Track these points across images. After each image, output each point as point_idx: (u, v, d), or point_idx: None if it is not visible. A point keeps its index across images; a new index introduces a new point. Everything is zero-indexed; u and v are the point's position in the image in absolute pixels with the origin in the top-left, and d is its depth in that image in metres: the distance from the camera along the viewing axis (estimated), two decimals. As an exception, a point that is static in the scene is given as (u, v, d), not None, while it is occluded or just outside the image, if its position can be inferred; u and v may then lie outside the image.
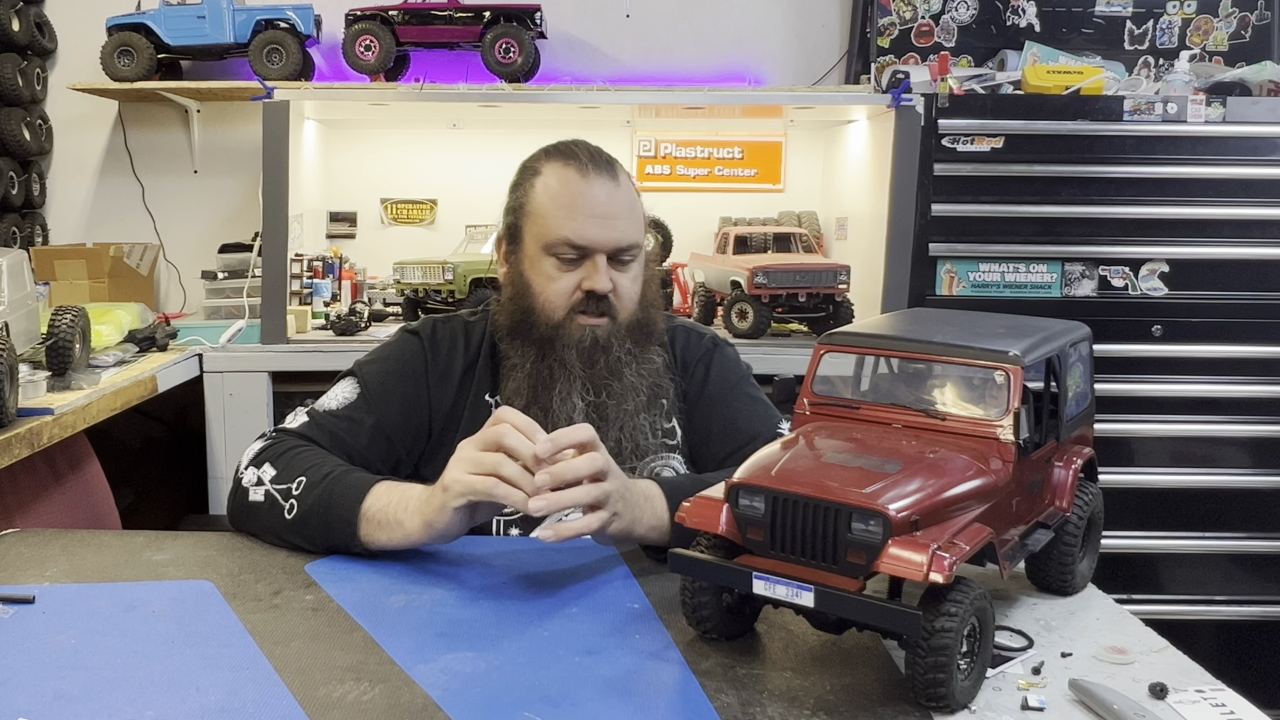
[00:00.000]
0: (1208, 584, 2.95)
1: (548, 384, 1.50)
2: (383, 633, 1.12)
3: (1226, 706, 0.99)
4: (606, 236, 1.50)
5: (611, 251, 1.51)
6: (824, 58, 3.55)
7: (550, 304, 1.52)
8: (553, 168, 1.54)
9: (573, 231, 1.49)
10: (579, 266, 1.51)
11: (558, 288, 1.51)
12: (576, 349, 1.50)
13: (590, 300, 1.50)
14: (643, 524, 1.30)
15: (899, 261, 2.81)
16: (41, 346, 2.18)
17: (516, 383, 1.53)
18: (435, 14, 3.22)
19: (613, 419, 1.51)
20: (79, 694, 0.97)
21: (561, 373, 1.50)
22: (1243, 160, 2.85)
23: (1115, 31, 3.45)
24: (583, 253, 1.50)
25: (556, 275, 1.51)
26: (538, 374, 1.51)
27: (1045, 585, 1.25)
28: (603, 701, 0.97)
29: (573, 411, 1.48)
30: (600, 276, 1.49)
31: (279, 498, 1.37)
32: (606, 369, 1.50)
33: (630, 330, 1.53)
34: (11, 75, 3.22)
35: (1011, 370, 1.06)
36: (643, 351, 1.54)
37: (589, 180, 1.51)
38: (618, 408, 1.50)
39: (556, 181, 1.52)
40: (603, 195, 1.50)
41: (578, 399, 1.49)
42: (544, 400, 1.50)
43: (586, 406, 1.50)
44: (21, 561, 1.33)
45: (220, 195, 3.55)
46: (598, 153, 1.56)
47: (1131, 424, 2.87)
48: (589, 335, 1.51)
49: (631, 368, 1.51)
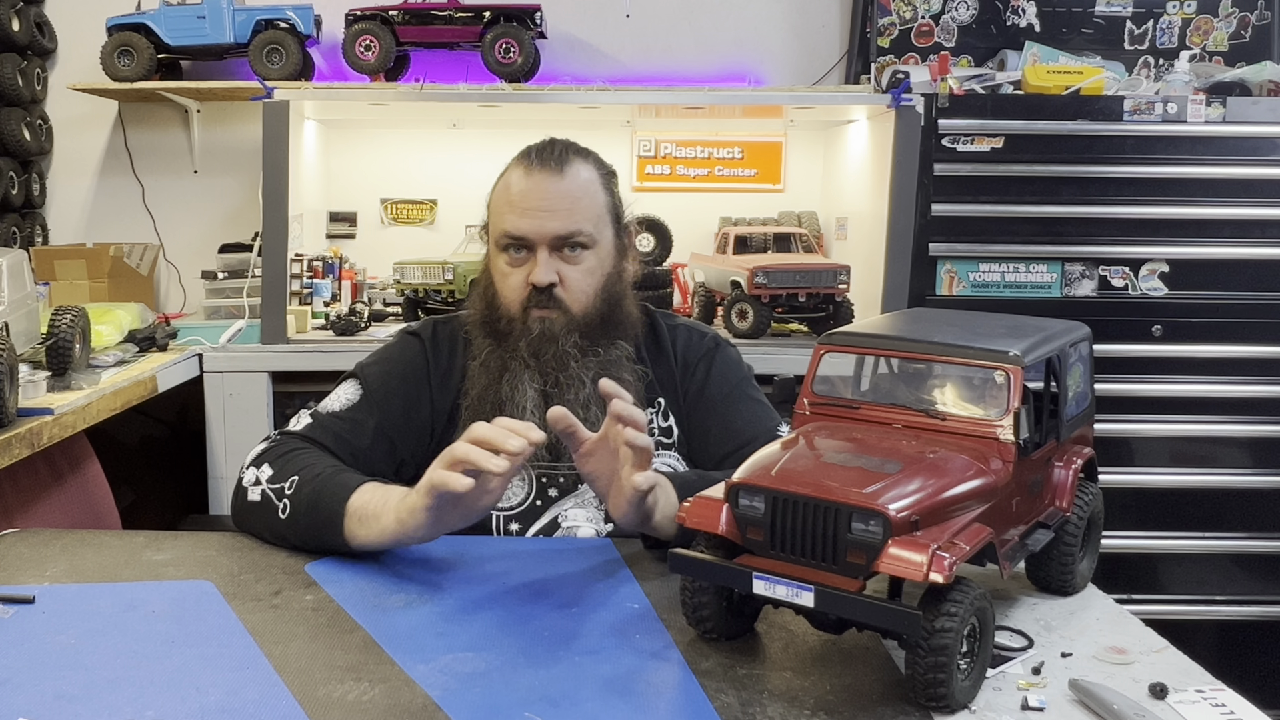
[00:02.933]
0: (1208, 584, 2.95)
1: (500, 371, 1.54)
2: (383, 633, 1.12)
3: (1226, 706, 0.99)
4: (541, 227, 1.52)
5: (550, 242, 1.53)
6: (824, 58, 3.55)
7: (506, 299, 1.56)
8: (511, 168, 1.59)
9: (510, 224, 1.53)
10: (526, 261, 1.54)
11: (510, 283, 1.55)
12: (525, 339, 1.53)
13: (535, 293, 1.53)
14: (660, 510, 1.30)
15: (899, 261, 2.81)
16: (41, 346, 2.17)
17: (476, 370, 1.56)
18: (435, 14, 3.22)
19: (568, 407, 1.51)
20: (79, 694, 0.97)
21: (514, 362, 1.53)
22: (1243, 160, 2.84)
23: (1115, 31, 3.44)
24: (524, 244, 1.54)
25: (508, 270, 1.56)
26: (494, 362, 1.55)
27: (1045, 585, 1.25)
28: (603, 701, 0.97)
29: (524, 398, 1.51)
30: (539, 269, 1.52)
31: (273, 497, 1.38)
32: (554, 360, 1.53)
33: (585, 323, 1.54)
34: (11, 75, 3.22)
35: (1011, 370, 1.06)
36: (595, 344, 1.55)
37: (530, 175, 1.54)
38: (560, 397, 1.51)
39: (505, 180, 1.58)
40: (541, 189, 1.53)
41: (528, 386, 1.52)
42: (498, 386, 1.53)
43: (537, 394, 1.52)
44: (21, 561, 1.33)
45: (220, 195, 3.55)
46: (552, 148, 1.57)
47: (1131, 424, 2.87)
48: (538, 326, 1.54)
49: (578, 360, 1.53)
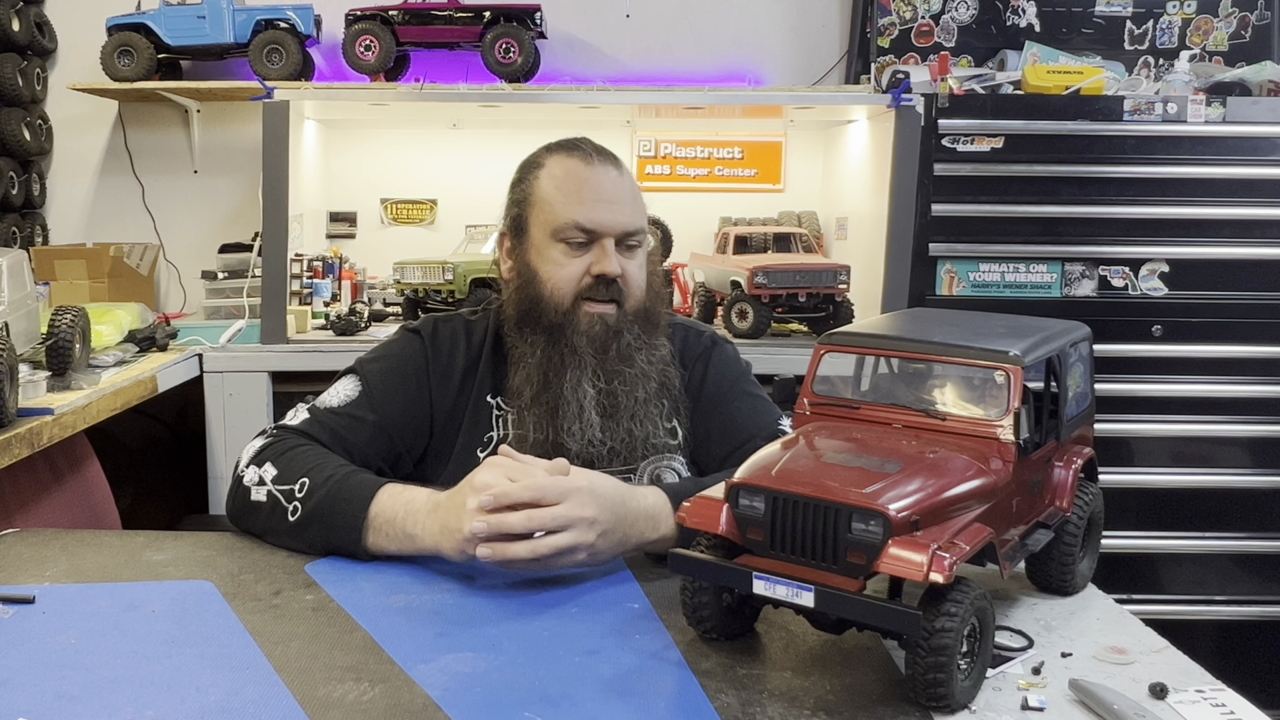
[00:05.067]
0: (1208, 584, 2.95)
1: (559, 371, 1.50)
2: (383, 633, 1.12)
3: (1226, 706, 0.99)
4: (614, 219, 1.51)
5: (619, 235, 1.52)
6: (824, 58, 3.55)
7: (559, 290, 1.52)
8: (556, 159, 1.56)
9: (581, 215, 1.51)
10: (587, 251, 1.52)
11: (566, 273, 1.52)
12: (587, 335, 1.51)
13: (599, 285, 1.51)
14: (628, 546, 1.29)
15: (899, 261, 2.81)
16: (41, 346, 2.17)
17: (526, 372, 1.52)
18: (435, 14, 3.22)
19: (624, 407, 1.51)
20: (79, 694, 0.97)
21: (572, 359, 1.50)
22: (1243, 160, 2.84)
23: (1115, 31, 3.44)
24: (591, 236, 1.52)
25: (565, 261, 1.52)
26: (548, 361, 1.51)
27: (1045, 585, 1.25)
28: (603, 701, 0.97)
29: (584, 399, 1.48)
30: (610, 260, 1.50)
31: (281, 499, 1.37)
32: (618, 355, 1.51)
33: (638, 318, 1.54)
34: (11, 75, 3.22)
35: (1011, 370, 1.06)
36: (651, 339, 1.55)
37: (594, 167, 1.54)
38: (629, 395, 1.50)
39: (562, 170, 1.55)
40: (608, 181, 1.53)
41: (588, 386, 1.49)
42: (555, 388, 1.50)
43: (598, 394, 1.49)
44: (21, 561, 1.33)
45: (220, 195, 3.55)
46: (599, 147, 1.58)
47: (1131, 424, 2.87)
48: (599, 321, 1.51)
49: (643, 354, 1.52)
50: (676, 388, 1.58)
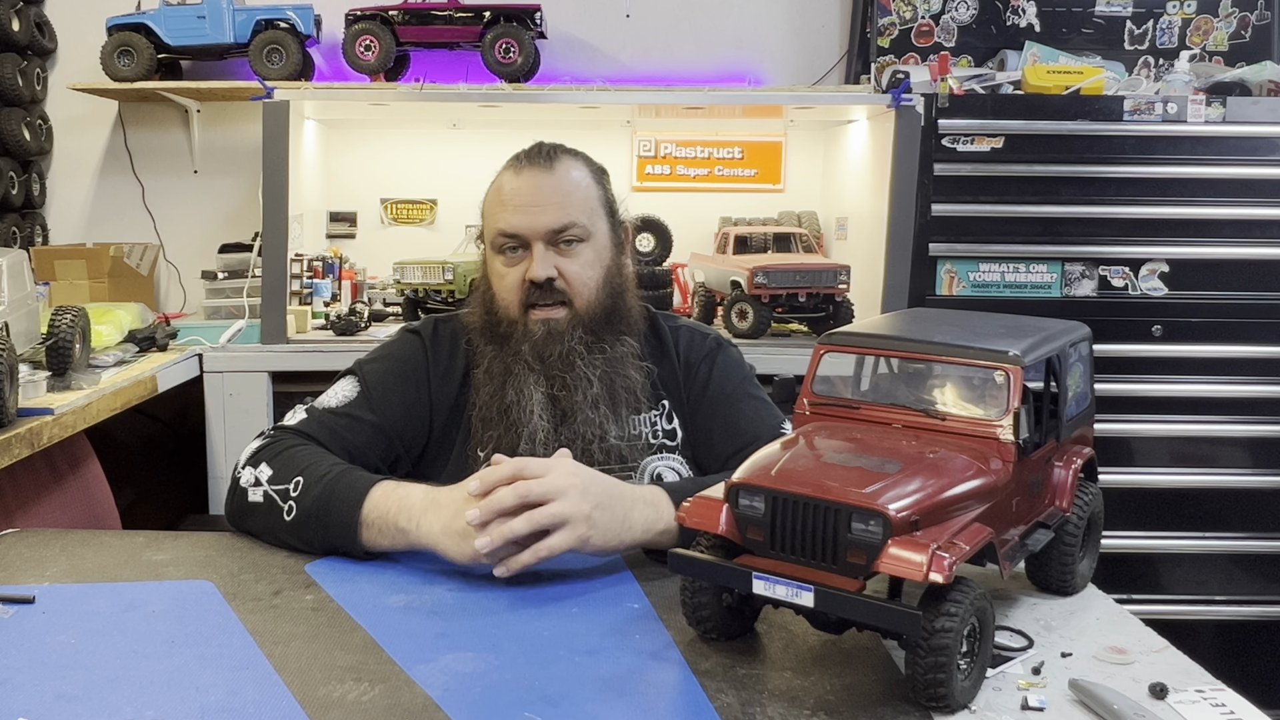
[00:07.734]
0: (1208, 584, 2.95)
1: (504, 378, 1.52)
2: (383, 633, 1.12)
3: (1226, 706, 0.99)
4: (535, 222, 1.52)
5: (545, 236, 1.53)
6: (824, 58, 3.55)
7: (505, 300, 1.55)
8: (501, 172, 1.60)
9: (504, 222, 1.54)
10: (522, 259, 1.54)
11: (506, 283, 1.55)
12: (529, 341, 1.53)
13: (535, 290, 1.52)
14: (635, 531, 1.29)
15: (899, 261, 2.81)
16: (41, 346, 2.17)
17: (480, 378, 1.55)
18: (435, 14, 3.22)
19: (570, 412, 1.52)
20: (79, 694, 0.97)
21: (517, 366, 1.52)
22: (1243, 160, 2.84)
23: (1115, 31, 3.44)
24: (520, 242, 1.54)
25: (505, 271, 1.55)
26: (497, 369, 1.54)
27: (1045, 585, 1.25)
28: (603, 701, 0.97)
29: (532, 403, 1.50)
30: (535, 264, 1.52)
31: (277, 499, 1.37)
32: (559, 360, 1.52)
33: (592, 318, 1.54)
34: (11, 75, 3.22)
35: (1011, 370, 1.06)
36: (601, 340, 1.54)
37: (520, 174, 1.55)
38: (569, 399, 1.51)
39: (498, 183, 1.59)
40: (531, 185, 1.54)
41: (534, 391, 1.51)
42: (504, 394, 1.52)
43: (545, 399, 1.51)
44: (21, 561, 1.33)
45: (220, 195, 3.55)
46: (539, 149, 1.58)
47: (1131, 424, 2.87)
48: (540, 328, 1.53)
49: (584, 358, 1.52)
50: (641, 386, 1.56)
